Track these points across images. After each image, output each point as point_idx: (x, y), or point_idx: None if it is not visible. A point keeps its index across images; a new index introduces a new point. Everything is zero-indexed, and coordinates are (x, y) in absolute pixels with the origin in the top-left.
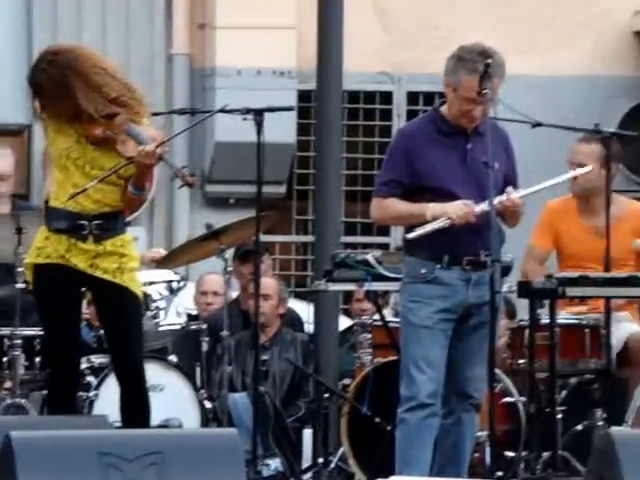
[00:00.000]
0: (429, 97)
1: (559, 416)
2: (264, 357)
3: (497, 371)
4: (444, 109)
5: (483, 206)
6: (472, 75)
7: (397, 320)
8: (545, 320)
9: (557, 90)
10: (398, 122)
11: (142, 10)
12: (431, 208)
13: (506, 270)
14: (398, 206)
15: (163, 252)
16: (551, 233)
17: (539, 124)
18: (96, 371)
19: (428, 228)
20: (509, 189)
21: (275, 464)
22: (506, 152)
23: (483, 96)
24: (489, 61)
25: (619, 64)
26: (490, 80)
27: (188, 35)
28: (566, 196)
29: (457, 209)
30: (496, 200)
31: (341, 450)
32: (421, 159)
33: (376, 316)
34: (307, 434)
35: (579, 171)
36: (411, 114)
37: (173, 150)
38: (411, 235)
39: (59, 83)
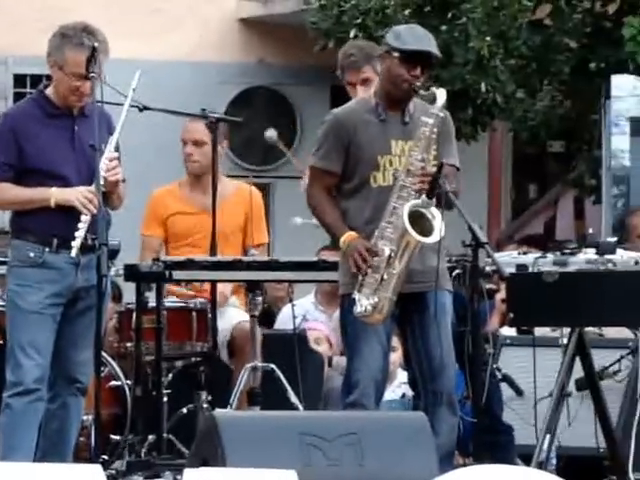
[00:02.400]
0: (37, 79)
1: (165, 399)
2: None
3: (104, 355)
4: (49, 91)
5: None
6: (78, 51)
7: (1, 304)
8: (153, 303)
9: (166, 75)
10: (5, 105)
11: None
12: (55, 194)
13: (113, 253)
14: (15, 191)
15: None
16: (159, 220)
17: (147, 108)
18: None
19: (81, 232)
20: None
21: None
22: (109, 134)
23: (90, 79)
24: (96, 44)
25: (225, 50)
26: (97, 62)
27: None
28: (170, 184)
29: (80, 195)
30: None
31: None
32: (29, 141)
33: None
34: None
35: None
36: (18, 97)
37: None
38: (74, 253)
39: None
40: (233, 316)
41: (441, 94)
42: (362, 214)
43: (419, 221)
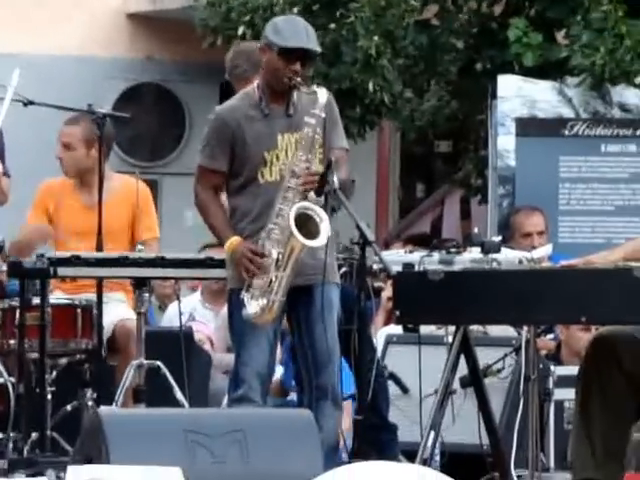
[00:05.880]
0: None
1: (49, 396)
2: None
3: None
4: None
5: None
6: None
7: None
8: (37, 300)
9: (52, 69)
10: None
11: None
12: None
13: None
14: None
15: None
16: (45, 212)
17: (31, 102)
18: None
19: None
20: None
21: None
22: None
23: None
24: None
25: (113, 45)
26: None
27: None
28: (62, 177)
29: None
30: None
31: None
32: None
33: None
34: None
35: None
36: None
37: None
38: None
39: None
40: (116, 313)
41: (322, 93)
42: (251, 211)
43: (306, 223)
